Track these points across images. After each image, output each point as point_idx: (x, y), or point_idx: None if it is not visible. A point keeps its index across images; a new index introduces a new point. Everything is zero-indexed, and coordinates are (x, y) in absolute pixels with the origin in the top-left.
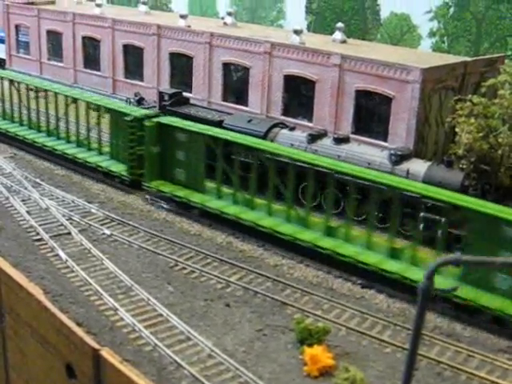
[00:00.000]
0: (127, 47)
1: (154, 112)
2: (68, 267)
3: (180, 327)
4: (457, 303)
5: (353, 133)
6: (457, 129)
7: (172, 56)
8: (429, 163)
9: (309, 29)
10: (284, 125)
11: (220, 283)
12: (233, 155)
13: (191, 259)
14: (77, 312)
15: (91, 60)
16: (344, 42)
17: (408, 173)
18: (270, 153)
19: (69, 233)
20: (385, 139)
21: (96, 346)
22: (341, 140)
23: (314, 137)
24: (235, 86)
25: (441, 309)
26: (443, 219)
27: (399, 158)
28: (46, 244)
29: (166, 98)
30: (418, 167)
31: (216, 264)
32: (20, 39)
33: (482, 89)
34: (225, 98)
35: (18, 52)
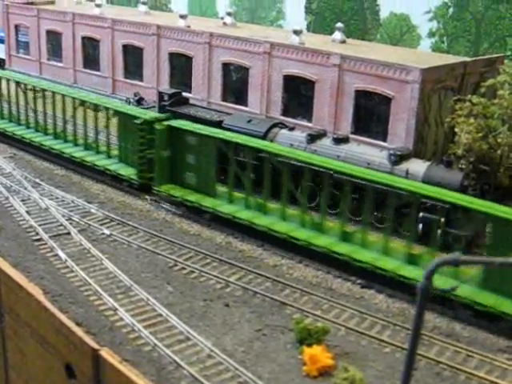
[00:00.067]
0: (127, 47)
1: (165, 115)
2: (67, 267)
3: (179, 327)
4: (477, 310)
5: (352, 133)
6: (456, 129)
7: (171, 56)
8: (428, 163)
9: (308, 29)
10: (283, 125)
11: (219, 283)
12: (244, 159)
13: (190, 259)
14: (76, 312)
15: (91, 60)
16: (343, 42)
17: (407, 173)
18: (284, 156)
19: (68, 233)
20: (384, 139)
21: (95, 346)
22: (340, 140)
23: (314, 137)
24: (235, 86)
25: (464, 316)
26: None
27: (398, 158)
28: (46, 244)
29: (166, 98)
30: (418, 167)
31: (215, 264)
32: (20, 39)
33: (482, 89)
34: (224, 98)
35: (18, 52)
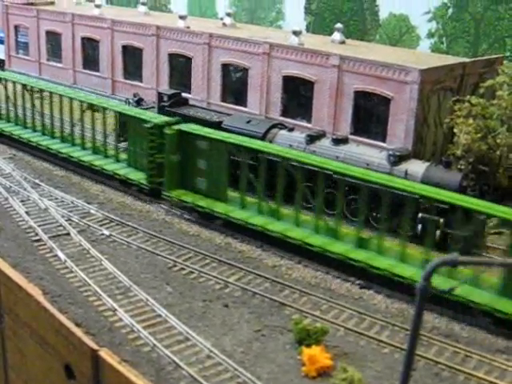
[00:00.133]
0: (126, 48)
1: (175, 119)
2: (67, 268)
3: (179, 328)
4: (497, 317)
5: (351, 133)
6: (455, 129)
7: (171, 57)
8: (427, 164)
9: (308, 29)
10: (283, 125)
11: (218, 284)
12: (258, 163)
13: (190, 260)
14: (76, 312)
15: (90, 61)
16: (343, 43)
17: (406, 173)
18: (298, 161)
19: (68, 233)
20: (383, 140)
21: (95, 347)
22: (339, 141)
23: (313, 137)
24: (234, 87)
25: (484, 324)
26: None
27: (398, 159)
28: (45, 245)
29: (165, 99)
30: (417, 168)
31: (215, 265)
32: (19, 40)
33: (481, 90)
34: (224, 99)
35: (18, 53)
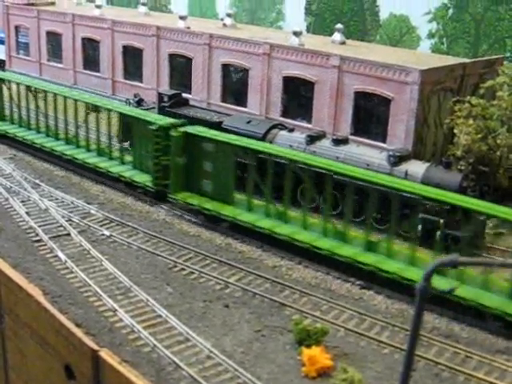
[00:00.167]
0: (127, 48)
1: (180, 121)
2: (67, 268)
3: (179, 328)
4: (508, 321)
5: (352, 134)
6: (455, 130)
7: (171, 57)
8: (427, 164)
9: (308, 30)
10: (283, 126)
11: (219, 284)
12: (265, 166)
13: (190, 260)
14: (76, 313)
15: (91, 61)
16: (343, 44)
17: (406, 174)
18: (305, 164)
19: (68, 234)
20: (383, 140)
21: (95, 347)
22: (339, 141)
23: (313, 138)
24: (234, 88)
25: (494, 328)
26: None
27: (398, 160)
28: (46, 245)
29: (166, 99)
30: (417, 168)
31: (215, 265)
32: (20, 40)
33: (481, 90)
34: (224, 99)
35: (18, 53)
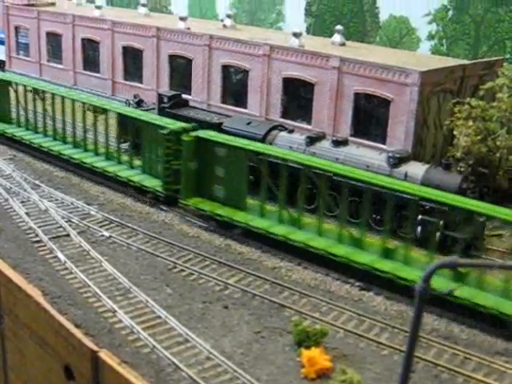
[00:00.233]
0: (127, 49)
1: (192, 125)
2: (67, 269)
3: (178, 329)
4: None
5: (351, 135)
6: (455, 132)
7: (171, 58)
8: (427, 166)
9: (308, 31)
10: (283, 127)
11: (218, 285)
12: (278, 171)
13: (190, 261)
14: (75, 314)
15: (91, 62)
16: (343, 45)
17: (406, 175)
18: (321, 169)
19: (68, 235)
20: (383, 142)
21: (94, 348)
22: (339, 142)
23: (313, 139)
24: (234, 89)
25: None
26: None
27: (397, 161)
28: (45, 246)
29: (165, 100)
30: (416, 170)
31: (214, 266)
32: (20, 41)
33: (481, 92)
34: (224, 101)
35: (18, 54)
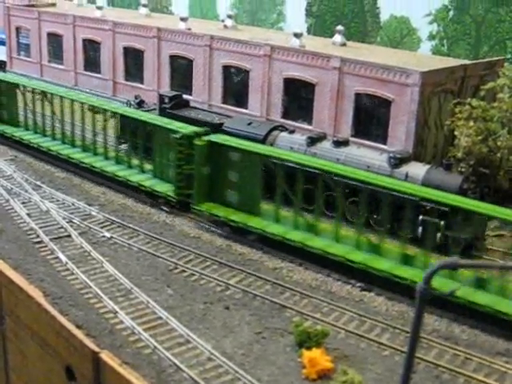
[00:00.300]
0: (127, 50)
1: (204, 130)
2: (68, 270)
3: (179, 330)
4: None
5: (352, 136)
6: (456, 132)
7: (172, 59)
8: (428, 166)
9: (309, 31)
10: (283, 128)
11: (219, 286)
12: (295, 177)
13: (191, 262)
14: (76, 315)
15: (92, 62)
16: (344, 45)
17: (407, 176)
18: (338, 175)
19: (69, 235)
20: (384, 142)
21: (96, 349)
22: (340, 143)
23: (314, 140)
24: (235, 89)
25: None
26: None
27: (398, 161)
28: (46, 246)
29: (166, 101)
30: (417, 170)
31: (215, 267)
32: (21, 41)
33: (481, 92)
34: (225, 101)
35: (19, 54)
